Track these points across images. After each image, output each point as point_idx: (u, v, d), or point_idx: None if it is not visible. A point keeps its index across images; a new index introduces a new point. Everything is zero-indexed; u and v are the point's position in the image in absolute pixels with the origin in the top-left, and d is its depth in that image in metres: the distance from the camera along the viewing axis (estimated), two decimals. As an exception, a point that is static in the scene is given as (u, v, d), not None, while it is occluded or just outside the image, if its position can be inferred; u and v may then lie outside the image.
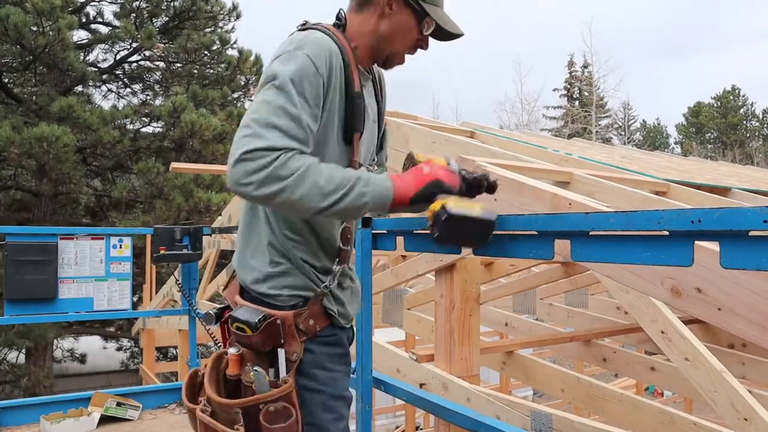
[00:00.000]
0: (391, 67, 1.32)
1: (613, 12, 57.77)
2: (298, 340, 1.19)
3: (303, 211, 1.08)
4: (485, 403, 2.46)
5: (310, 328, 1.21)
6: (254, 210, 1.25)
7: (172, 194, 8.77)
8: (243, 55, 10.88)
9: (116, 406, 2.88)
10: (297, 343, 1.19)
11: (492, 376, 8.68)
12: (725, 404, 2.19)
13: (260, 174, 1.01)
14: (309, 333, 1.21)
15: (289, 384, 1.15)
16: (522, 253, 1.26)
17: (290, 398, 1.15)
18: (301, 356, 1.19)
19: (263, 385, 1.15)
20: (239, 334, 1.18)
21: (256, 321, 1.15)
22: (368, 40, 1.25)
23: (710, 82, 62.72)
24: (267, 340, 1.17)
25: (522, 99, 30.23)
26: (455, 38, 1.30)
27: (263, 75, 1.14)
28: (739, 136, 36.29)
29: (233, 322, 1.18)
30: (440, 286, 2.85)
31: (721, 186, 3.82)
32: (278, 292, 1.20)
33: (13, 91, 9.93)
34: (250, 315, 1.16)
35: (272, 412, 1.14)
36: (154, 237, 3.13)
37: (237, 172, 1.02)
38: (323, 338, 1.24)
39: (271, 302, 1.20)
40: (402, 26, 1.24)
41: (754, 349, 3.87)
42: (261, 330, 1.15)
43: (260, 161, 1.01)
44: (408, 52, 1.29)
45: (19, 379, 9.00)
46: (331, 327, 1.26)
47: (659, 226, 0.97)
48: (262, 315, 1.16)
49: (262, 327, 1.15)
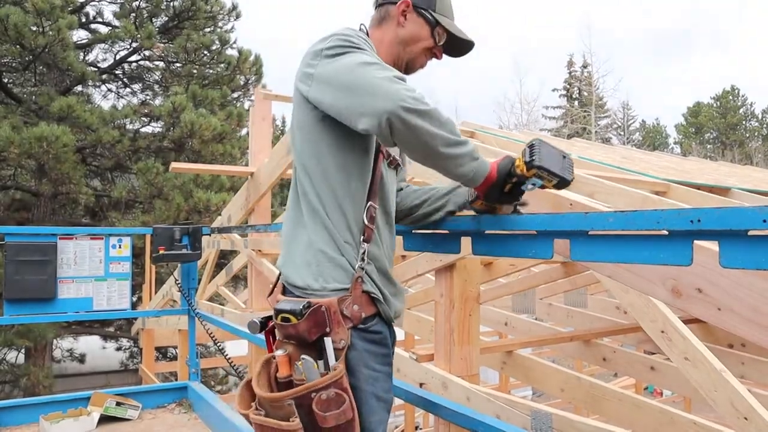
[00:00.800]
0: (412, 72, 1.42)
1: (612, 12, 57.80)
2: (345, 326, 1.20)
3: (426, 149, 1.14)
4: (485, 403, 2.46)
5: (354, 314, 1.22)
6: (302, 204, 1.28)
7: (172, 194, 8.76)
8: (242, 55, 10.87)
9: (116, 405, 2.88)
10: (343, 329, 1.20)
11: (491, 376, 8.68)
12: (725, 404, 2.19)
13: (420, 104, 1.10)
14: (354, 320, 1.22)
15: (339, 370, 1.16)
16: (521, 253, 1.26)
17: (342, 384, 1.16)
18: (348, 343, 1.20)
19: (313, 373, 1.16)
20: (285, 325, 1.19)
21: (301, 308, 1.17)
22: (389, 49, 1.36)
23: (709, 82, 62.79)
24: (313, 328, 1.18)
25: (521, 99, 30.26)
26: (467, 50, 1.42)
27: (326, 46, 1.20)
28: (738, 136, 36.30)
29: (278, 315, 1.21)
30: (440, 285, 2.85)
31: (721, 186, 3.83)
32: (323, 285, 1.22)
33: (12, 91, 9.92)
34: (294, 304, 1.19)
35: (325, 400, 1.14)
36: (154, 237, 3.13)
37: (403, 94, 1.09)
38: (369, 334, 1.25)
39: (314, 294, 1.22)
40: (416, 34, 1.35)
41: (754, 349, 3.87)
42: (306, 317, 1.17)
43: (418, 94, 1.11)
44: (420, 63, 1.40)
45: (18, 379, 8.99)
46: (378, 320, 1.27)
47: (658, 226, 0.97)
48: (306, 302, 1.19)
49: (308, 313, 1.17)
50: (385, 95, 1.08)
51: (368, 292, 1.25)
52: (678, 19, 66.92)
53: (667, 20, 64.34)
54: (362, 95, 1.11)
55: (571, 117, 31.39)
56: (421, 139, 1.12)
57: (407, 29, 1.35)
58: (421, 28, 1.35)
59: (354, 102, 1.12)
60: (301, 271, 1.24)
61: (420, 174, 2.93)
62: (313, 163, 1.25)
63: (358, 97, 1.11)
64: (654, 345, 3.30)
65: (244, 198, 4.57)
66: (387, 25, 1.37)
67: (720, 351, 3.76)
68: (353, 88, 1.12)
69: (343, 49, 1.19)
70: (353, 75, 1.13)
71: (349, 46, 1.19)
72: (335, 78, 1.16)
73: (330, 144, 1.24)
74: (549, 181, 1.21)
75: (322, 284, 1.22)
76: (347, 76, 1.14)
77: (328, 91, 1.17)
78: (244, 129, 10.92)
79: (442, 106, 35.61)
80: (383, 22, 1.38)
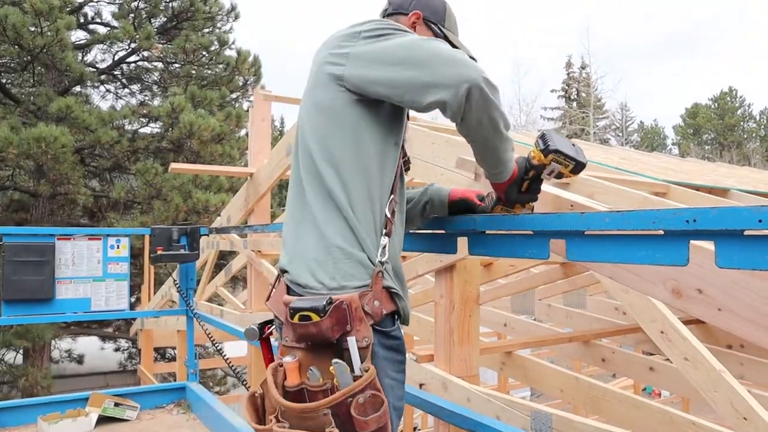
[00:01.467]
0: None
1: (611, 13, 57.88)
2: (366, 323, 1.13)
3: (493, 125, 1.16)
4: (485, 404, 2.46)
5: (375, 310, 1.15)
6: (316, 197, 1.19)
7: (171, 195, 8.76)
8: (241, 56, 10.86)
9: (114, 406, 2.88)
10: (366, 327, 1.12)
11: (490, 377, 8.68)
12: (725, 404, 2.19)
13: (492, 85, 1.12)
14: (375, 316, 1.14)
15: (371, 370, 1.09)
16: (518, 253, 1.26)
17: (376, 384, 1.10)
18: (371, 341, 1.13)
19: (347, 378, 1.09)
20: (305, 324, 1.10)
21: (324, 304, 1.09)
22: None
23: (707, 83, 62.88)
24: (336, 326, 1.10)
25: (520, 100, 30.33)
26: None
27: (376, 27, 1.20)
28: (736, 137, 36.35)
29: (295, 314, 1.11)
30: (440, 286, 2.85)
31: (719, 187, 3.83)
32: (341, 283, 1.14)
33: (11, 92, 9.91)
34: (315, 300, 1.11)
35: (362, 403, 1.08)
36: (152, 237, 3.13)
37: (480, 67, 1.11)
38: (389, 340, 1.19)
39: (331, 293, 1.14)
40: None
41: (753, 350, 3.87)
42: (329, 314, 1.09)
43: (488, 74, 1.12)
44: None
45: (16, 380, 8.97)
46: (398, 324, 1.22)
47: (654, 226, 0.97)
48: (328, 298, 1.11)
49: (330, 310, 1.09)
50: (466, 65, 1.09)
51: (388, 287, 1.18)
52: (676, 21, 67.04)
53: (665, 22, 64.46)
54: (436, 66, 1.10)
55: (569, 118, 31.42)
56: (493, 114, 1.13)
57: None
58: None
59: (422, 74, 1.10)
60: (313, 269, 1.16)
61: (420, 174, 2.93)
62: (343, 150, 1.18)
63: (429, 68, 1.10)
64: (652, 345, 3.31)
65: (244, 199, 4.56)
66: None
67: (719, 352, 3.76)
68: (420, 61, 1.11)
69: (389, 31, 1.18)
70: (420, 49, 1.13)
71: (396, 29, 1.19)
72: (389, 54, 1.14)
73: (369, 129, 1.19)
74: (566, 166, 1.25)
75: (340, 282, 1.14)
76: (409, 51, 1.13)
77: (376, 67, 1.14)
78: (243, 129, 10.92)
79: (441, 106, 35.41)
80: None
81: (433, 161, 2.84)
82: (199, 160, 9.38)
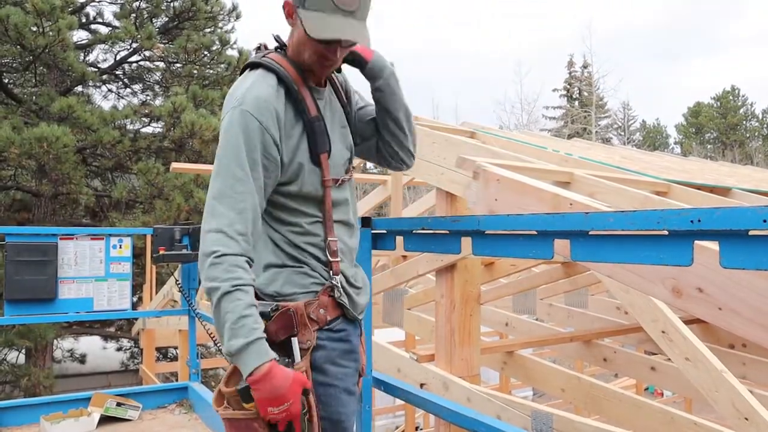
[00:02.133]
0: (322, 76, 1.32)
1: (612, 12, 57.81)
2: (311, 328, 1.26)
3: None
4: (486, 403, 2.46)
5: (321, 317, 1.28)
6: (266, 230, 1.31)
7: (172, 194, 8.76)
8: (243, 56, 10.87)
9: (116, 406, 2.88)
10: (309, 331, 1.26)
11: (492, 377, 8.67)
12: (726, 404, 2.19)
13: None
14: (320, 322, 1.28)
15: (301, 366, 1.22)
16: (522, 253, 1.26)
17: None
18: (314, 343, 1.26)
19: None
20: None
21: (269, 311, 1.22)
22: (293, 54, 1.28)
23: (710, 82, 62.77)
24: (281, 329, 1.23)
25: (522, 99, 30.29)
26: (335, 44, 1.23)
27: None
28: (738, 136, 36.28)
29: None
30: (441, 286, 2.85)
31: (721, 186, 3.82)
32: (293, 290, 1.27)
33: (13, 92, 9.93)
34: (263, 307, 1.23)
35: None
36: (154, 237, 3.13)
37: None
38: (334, 333, 1.30)
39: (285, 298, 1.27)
40: (301, 36, 1.23)
41: (755, 349, 3.86)
42: (274, 319, 1.23)
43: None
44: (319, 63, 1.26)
45: (19, 380, 8.99)
46: (342, 320, 1.32)
47: (659, 226, 0.97)
48: (275, 305, 1.24)
49: (275, 316, 1.23)
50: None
51: (335, 298, 1.30)
52: (678, 19, 66.94)
53: (667, 20, 64.35)
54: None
55: (571, 117, 31.39)
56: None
57: (297, 32, 1.24)
58: (302, 31, 1.21)
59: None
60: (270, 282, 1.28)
61: (421, 173, 2.93)
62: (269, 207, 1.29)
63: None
64: (654, 345, 3.30)
65: (245, 198, 4.55)
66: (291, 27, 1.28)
67: (721, 351, 3.75)
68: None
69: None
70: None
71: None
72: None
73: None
74: None
75: (289, 290, 1.27)
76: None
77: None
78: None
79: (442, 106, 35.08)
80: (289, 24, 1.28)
81: (433, 160, 2.84)
82: (200, 159, 9.39)
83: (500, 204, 2.12)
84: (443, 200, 2.84)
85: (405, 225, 1.62)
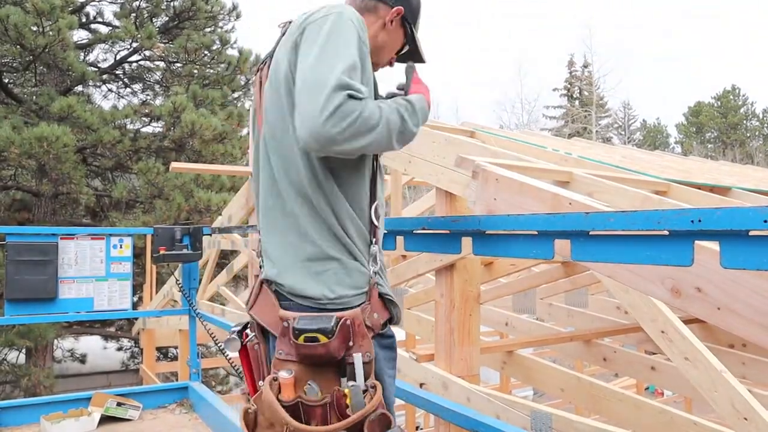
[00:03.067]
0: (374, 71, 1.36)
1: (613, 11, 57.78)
2: (368, 337, 1.13)
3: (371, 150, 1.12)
4: (485, 403, 2.46)
5: (375, 323, 1.15)
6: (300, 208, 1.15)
7: (173, 194, 8.76)
8: (243, 55, 10.87)
9: (116, 406, 2.89)
10: (368, 341, 1.12)
11: (492, 376, 8.68)
12: (725, 404, 2.19)
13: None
14: (375, 328, 1.15)
15: (379, 388, 1.10)
16: (522, 253, 1.26)
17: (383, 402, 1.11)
18: (372, 356, 1.12)
19: (360, 398, 1.08)
20: (313, 345, 1.07)
21: (332, 325, 1.06)
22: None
23: (710, 81, 62.73)
24: (342, 345, 1.09)
25: (522, 99, 30.30)
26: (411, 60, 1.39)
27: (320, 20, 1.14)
28: (739, 135, 36.28)
29: (299, 335, 1.07)
30: (440, 285, 2.85)
31: (721, 185, 3.81)
32: (339, 294, 1.12)
33: (13, 91, 9.92)
34: (322, 321, 1.07)
35: (374, 420, 1.08)
36: (154, 237, 3.13)
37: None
38: (385, 340, 1.20)
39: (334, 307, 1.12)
40: (394, 42, 1.34)
41: (754, 349, 3.86)
42: (336, 335, 1.07)
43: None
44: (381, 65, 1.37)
45: (19, 380, 8.99)
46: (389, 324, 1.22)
47: (659, 226, 0.97)
48: (335, 318, 1.08)
49: (337, 331, 1.07)
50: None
51: (383, 294, 1.18)
52: (678, 19, 66.92)
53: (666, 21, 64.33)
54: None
55: (571, 117, 31.39)
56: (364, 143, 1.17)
57: (389, 36, 1.31)
58: (399, 38, 1.33)
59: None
60: (308, 281, 1.13)
61: (421, 173, 2.93)
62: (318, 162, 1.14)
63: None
64: (654, 345, 3.30)
65: (245, 198, 4.57)
66: (371, 18, 1.28)
67: (721, 351, 3.75)
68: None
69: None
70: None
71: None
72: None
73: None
74: None
75: (339, 293, 1.12)
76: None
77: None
78: (245, 129, 10.92)
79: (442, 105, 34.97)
80: (367, 13, 1.28)
81: (433, 160, 2.84)
82: (200, 159, 9.39)
83: (499, 203, 2.12)
84: (443, 200, 2.83)
85: (405, 225, 1.62)
